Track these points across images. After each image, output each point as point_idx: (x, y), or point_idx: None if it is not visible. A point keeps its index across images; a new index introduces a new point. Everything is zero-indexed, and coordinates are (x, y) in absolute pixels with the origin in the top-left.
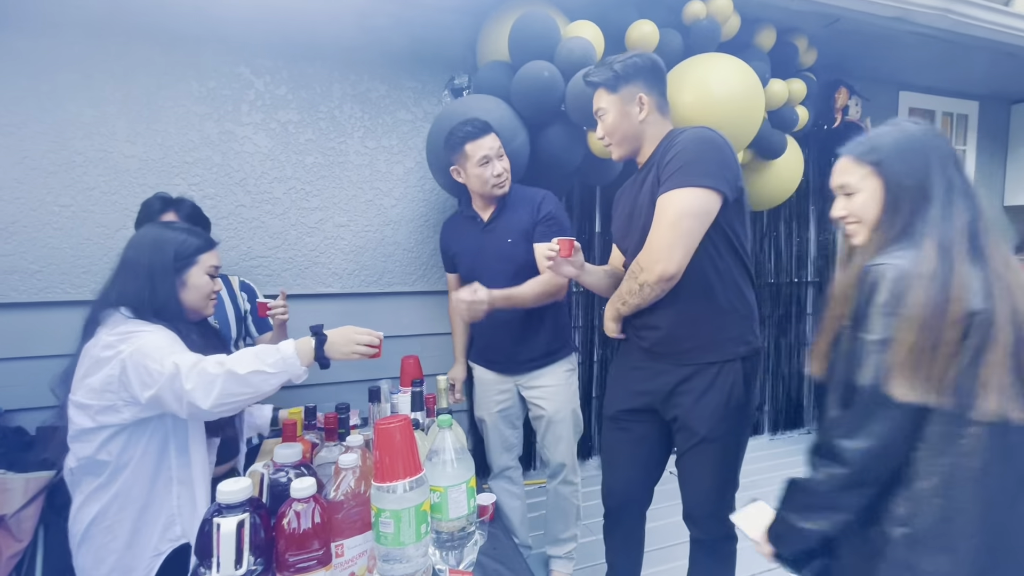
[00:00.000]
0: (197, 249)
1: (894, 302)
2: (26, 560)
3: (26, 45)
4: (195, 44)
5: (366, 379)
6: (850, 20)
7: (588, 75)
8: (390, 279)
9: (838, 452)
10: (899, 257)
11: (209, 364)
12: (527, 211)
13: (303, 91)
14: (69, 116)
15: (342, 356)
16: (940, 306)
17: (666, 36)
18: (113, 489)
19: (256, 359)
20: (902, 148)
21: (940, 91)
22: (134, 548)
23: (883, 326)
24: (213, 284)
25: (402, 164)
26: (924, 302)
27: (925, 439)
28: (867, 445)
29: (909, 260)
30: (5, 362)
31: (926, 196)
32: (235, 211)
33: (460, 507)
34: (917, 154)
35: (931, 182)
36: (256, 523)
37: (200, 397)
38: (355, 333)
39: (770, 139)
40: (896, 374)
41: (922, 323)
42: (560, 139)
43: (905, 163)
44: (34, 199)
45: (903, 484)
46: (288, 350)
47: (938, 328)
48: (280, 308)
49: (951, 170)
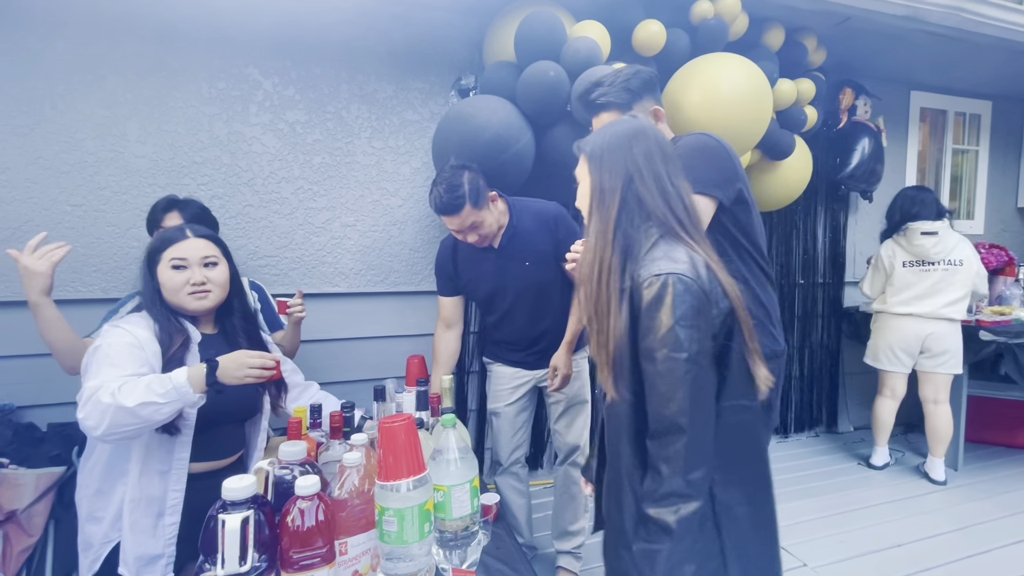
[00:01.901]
0: (159, 246)
1: (693, 314)
2: (36, 554)
3: (40, 46)
4: (205, 46)
5: (372, 378)
6: (860, 19)
7: (596, 97)
8: (396, 279)
9: (683, 490)
10: (675, 262)
11: (103, 394)
12: (542, 231)
13: (311, 92)
14: (82, 117)
15: (235, 381)
16: (720, 310)
17: (673, 36)
18: (88, 463)
19: (147, 390)
20: (607, 142)
21: (952, 91)
22: (89, 526)
23: (689, 340)
24: (183, 276)
25: (409, 164)
26: (701, 309)
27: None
28: (705, 466)
29: (685, 265)
30: (17, 359)
31: (632, 191)
32: (243, 211)
33: (463, 506)
34: (620, 149)
35: (637, 177)
36: (260, 520)
37: (91, 426)
38: (247, 357)
39: (778, 139)
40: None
41: (716, 331)
42: (566, 139)
43: (608, 157)
44: (47, 199)
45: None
46: (180, 379)
47: (725, 331)
48: (298, 307)
49: (658, 165)
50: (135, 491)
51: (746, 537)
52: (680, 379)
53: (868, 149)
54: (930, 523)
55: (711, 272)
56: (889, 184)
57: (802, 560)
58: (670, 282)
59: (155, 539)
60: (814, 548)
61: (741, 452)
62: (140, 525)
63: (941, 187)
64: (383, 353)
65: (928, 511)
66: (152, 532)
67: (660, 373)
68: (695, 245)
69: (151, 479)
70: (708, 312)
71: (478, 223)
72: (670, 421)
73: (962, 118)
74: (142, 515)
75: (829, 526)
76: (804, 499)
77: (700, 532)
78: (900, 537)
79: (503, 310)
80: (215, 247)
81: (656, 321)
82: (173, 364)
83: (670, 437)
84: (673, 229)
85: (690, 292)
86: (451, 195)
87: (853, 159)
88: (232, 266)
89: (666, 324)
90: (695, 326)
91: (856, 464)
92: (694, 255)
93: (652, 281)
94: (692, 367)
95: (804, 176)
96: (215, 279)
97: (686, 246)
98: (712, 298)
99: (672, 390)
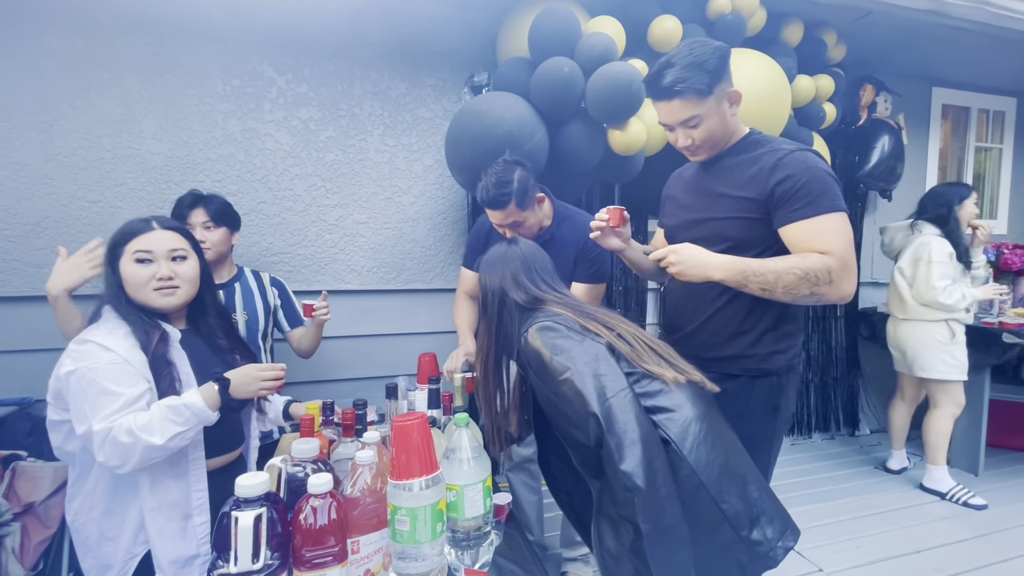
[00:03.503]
0: (121, 240)
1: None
2: (54, 546)
3: (59, 44)
4: (219, 43)
5: (384, 376)
6: (881, 13)
7: (671, 83)
8: (408, 276)
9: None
10: (531, 321)
11: (120, 435)
12: (572, 244)
13: (324, 88)
14: (99, 114)
15: (249, 395)
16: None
17: (690, 31)
18: (85, 487)
19: (170, 423)
20: (485, 263)
21: (975, 87)
22: (104, 547)
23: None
24: (148, 271)
25: (421, 162)
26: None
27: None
28: (638, 456)
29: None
30: (36, 353)
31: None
32: (257, 208)
33: (476, 506)
34: (495, 263)
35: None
36: (273, 518)
37: (116, 465)
38: (257, 371)
39: (796, 136)
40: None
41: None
42: (580, 136)
43: (487, 278)
44: (65, 195)
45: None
46: (197, 404)
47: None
48: (323, 309)
49: (532, 267)
50: (151, 500)
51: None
52: (576, 393)
53: (888, 147)
54: (949, 529)
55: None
56: (909, 183)
57: (817, 565)
58: (529, 335)
59: (186, 541)
60: (829, 553)
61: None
62: (167, 530)
63: None
64: (394, 350)
65: (947, 516)
66: (181, 535)
67: (562, 402)
68: (562, 312)
69: (166, 486)
70: (573, 333)
71: (519, 222)
72: (591, 432)
73: (985, 115)
74: (167, 520)
75: (845, 531)
76: (819, 503)
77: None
78: (918, 543)
79: None
80: (184, 240)
81: (538, 371)
82: (160, 364)
83: (592, 446)
84: (544, 309)
85: (546, 331)
86: (499, 190)
87: (872, 157)
88: (203, 261)
89: (543, 365)
90: (563, 350)
91: (873, 468)
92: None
93: (522, 341)
94: (579, 376)
95: None
96: (183, 274)
97: (549, 312)
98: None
99: (581, 407)
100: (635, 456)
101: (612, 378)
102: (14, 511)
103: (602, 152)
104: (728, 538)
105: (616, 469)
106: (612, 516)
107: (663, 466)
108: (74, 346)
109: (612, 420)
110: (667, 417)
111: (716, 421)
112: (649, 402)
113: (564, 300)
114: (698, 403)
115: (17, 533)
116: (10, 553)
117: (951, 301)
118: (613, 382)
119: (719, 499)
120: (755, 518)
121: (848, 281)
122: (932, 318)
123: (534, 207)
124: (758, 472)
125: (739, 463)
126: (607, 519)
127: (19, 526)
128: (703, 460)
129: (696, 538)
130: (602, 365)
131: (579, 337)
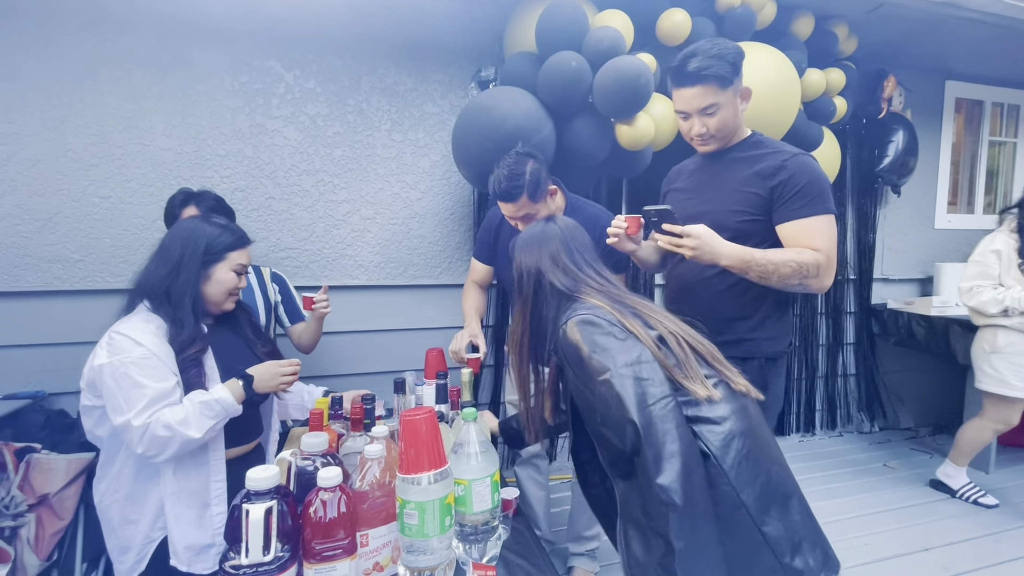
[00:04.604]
0: (228, 246)
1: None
2: (68, 537)
3: (70, 41)
4: (228, 39)
5: (390, 371)
6: (894, 5)
7: (697, 68)
8: (415, 272)
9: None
10: (573, 312)
11: (158, 429)
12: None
13: (331, 84)
14: (109, 110)
15: (270, 389)
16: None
17: (699, 25)
18: (112, 470)
19: (204, 418)
20: (521, 243)
21: (990, 80)
22: (125, 530)
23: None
24: (238, 281)
25: (428, 157)
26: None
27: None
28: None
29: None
30: (49, 347)
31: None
32: (265, 203)
33: (484, 501)
34: (532, 244)
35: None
36: (284, 510)
37: (154, 455)
38: (278, 367)
39: (806, 131)
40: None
41: None
42: (587, 131)
43: (521, 253)
44: (76, 191)
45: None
46: (227, 399)
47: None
48: (323, 303)
49: (572, 249)
50: (173, 486)
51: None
52: (615, 396)
53: (903, 141)
54: (959, 527)
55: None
56: (921, 177)
57: None
58: (569, 327)
59: (202, 529)
60: (838, 550)
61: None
62: (184, 517)
63: (976, 180)
64: (402, 346)
65: (957, 515)
66: (198, 523)
67: (599, 403)
68: (601, 305)
69: (187, 473)
70: (617, 333)
71: (532, 214)
72: (626, 438)
73: (1000, 108)
74: (185, 507)
75: (853, 528)
76: (829, 499)
77: None
78: (927, 541)
79: None
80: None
81: (576, 365)
82: (189, 359)
83: (627, 454)
84: (582, 300)
85: (587, 325)
86: (510, 183)
87: (889, 151)
88: None
89: (582, 361)
90: (605, 349)
91: (881, 465)
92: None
93: (560, 333)
94: (619, 379)
95: (832, 169)
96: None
97: (589, 304)
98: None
99: (618, 410)
100: (673, 470)
101: (655, 383)
102: (29, 502)
103: (610, 147)
104: (767, 563)
105: (651, 481)
106: (642, 525)
107: (701, 480)
108: (107, 338)
109: (652, 429)
110: (708, 428)
111: (761, 435)
112: (691, 411)
113: (605, 288)
114: (743, 416)
115: (32, 524)
116: (25, 544)
117: (973, 303)
118: (655, 388)
119: (760, 521)
120: (797, 544)
121: (830, 276)
122: (982, 323)
123: (546, 199)
124: (802, 494)
125: (783, 482)
126: (636, 527)
127: (34, 517)
128: (745, 477)
129: (731, 560)
130: (644, 368)
131: (622, 335)
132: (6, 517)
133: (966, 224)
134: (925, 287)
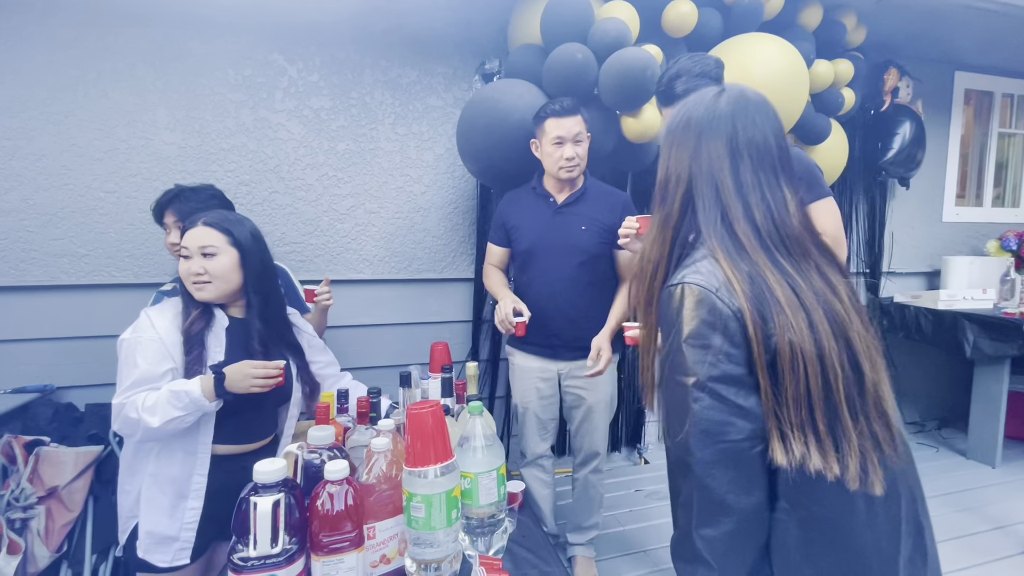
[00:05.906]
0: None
1: (707, 332)
2: (77, 529)
3: (73, 35)
4: (230, 32)
5: (395, 364)
6: None
7: (689, 89)
8: (419, 266)
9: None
10: (698, 273)
11: (130, 410)
12: (606, 208)
13: (335, 77)
14: (113, 104)
15: (241, 390)
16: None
17: (705, 16)
18: (129, 442)
19: (171, 407)
20: (673, 126)
21: (1000, 71)
22: (121, 499)
23: (698, 363)
24: (185, 265)
25: (432, 151)
26: (720, 328)
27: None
28: (723, 525)
29: (705, 277)
30: (56, 341)
31: (694, 187)
32: (269, 197)
33: (490, 494)
34: (688, 134)
35: (703, 169)
36: (291, 503)
37: (128, 435)
38: (250, 368)
39: (814, 123)
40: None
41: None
42: (593, 124)
43: (677, 148)
44: (82, 185)
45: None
46: (195, 392)
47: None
48: (325, 294)
49: (738, 159)
50: (152, 468)
51: None
52: (686, 409)
53: (910, 133)
54: (966, 521)
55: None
56: (929, 170)
57: None
58: (684, 293)
59: (171, 520)
60: None
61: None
62: (156, 502)
63: (985, 173)
64: (406, 339)
65: (964, 508)
66: (169, 512)
67: (667, 400)
68: (757, 265)
69: (172, 457)
70: (732, 335)
71: (582, 139)
72: (676, 457)
73: (1009, 100)
74: (159, 492)
75: None
76: None
77: None
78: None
79: (540, 267)
80: (218, 236)
81: (666, 338)
82: (193, 343)
83: (678, 478)
84: (728, 248)
85: (704, 307)
86: (572, 102)
87: (895, 144)
88: (242, 254)
89: (673, 342)
90: (708, 347)
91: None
92: (735, 272)
93: (668, 291)
94: (702, 396)
95: (840, 162)
96: (213, 270)
97: (730, 263)
98: (742, 322)
99: (678, 422)
100: (719, 530)
101: (741, 415)
102: (38, 495)
103: (615, 140)
104: None
105: (690, 528)
106: (686, 551)
107: (754, 552)
108: (139, 317)
109: (711, 473)
110: (804, 516)
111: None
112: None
113: (772, 245)
114: (876, 518)
115: (42, 516)
116: (35, 535)
117: None
118: (740, 421)
119: None
120: None
121: (841, 254)
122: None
123: (587, 140)
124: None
125: None
126: (678, 526)
127: (43, 509)
128: None
129: None
130: (740, 395)
131: (739, 338)
132: (16, 509)
133: (974, 217)
134: (932, 280)
